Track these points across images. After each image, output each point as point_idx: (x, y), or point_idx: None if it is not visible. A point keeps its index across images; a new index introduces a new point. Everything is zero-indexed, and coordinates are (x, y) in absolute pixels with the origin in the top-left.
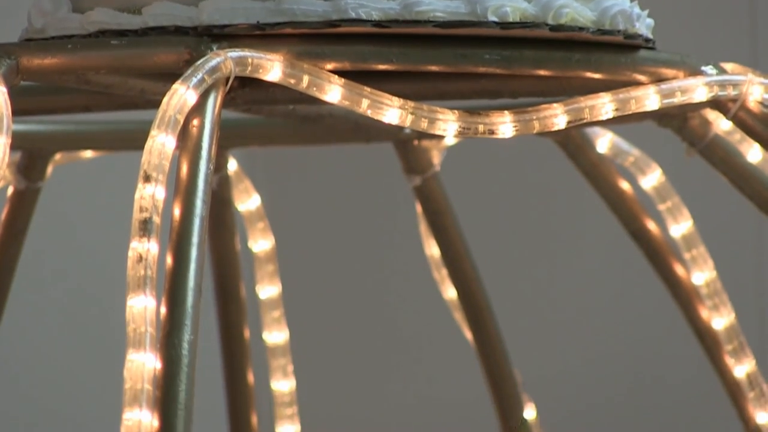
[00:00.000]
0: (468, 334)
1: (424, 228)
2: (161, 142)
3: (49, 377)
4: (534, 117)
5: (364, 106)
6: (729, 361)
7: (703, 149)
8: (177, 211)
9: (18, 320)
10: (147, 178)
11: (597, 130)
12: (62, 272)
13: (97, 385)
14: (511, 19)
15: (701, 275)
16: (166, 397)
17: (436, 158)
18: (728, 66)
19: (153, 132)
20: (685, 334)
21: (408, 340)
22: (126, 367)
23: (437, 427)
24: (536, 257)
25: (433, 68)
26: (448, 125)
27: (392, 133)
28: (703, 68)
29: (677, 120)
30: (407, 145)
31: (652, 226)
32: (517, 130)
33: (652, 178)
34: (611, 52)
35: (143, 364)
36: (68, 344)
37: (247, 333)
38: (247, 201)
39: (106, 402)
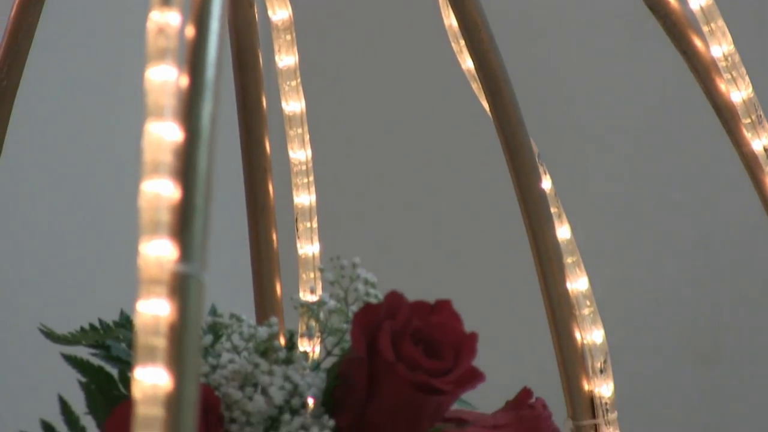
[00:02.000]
0: (485, 104)
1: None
2: None
3: None
4: None
5: None
6: (746, 134)
7: None
8: None
9: None
10: None
11: None
12: None
13: None
14: None
15: (719, 48)
16: (187, 167)
17: None
18: None
19: None
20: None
21: (424, 103)
22: (145, 139)
23: (447, 174)
24: None
25: None
26: None
27: None
28: None
29: None
30: None
31: None
32: None
33: None
34: None
35: (162, 135)
36: None
37: (264, 102)
38: None
39: None
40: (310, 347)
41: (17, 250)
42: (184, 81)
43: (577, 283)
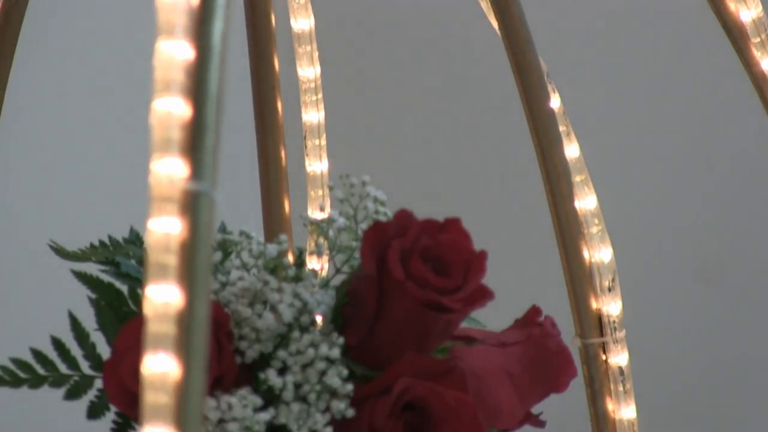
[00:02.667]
0: (494, 22)
1: None
2: None
3: None
4: None
5: None
6: (756, 54)
7: None
8: None
9: None
10: None
11: None
12: None
13: None
14: None
15: None
16: (198, 85)
17: None
18: None
19: None
20: None
21: (435, 23)
22: (156, 57)
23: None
24: None
25: None
26: None
27: None
28: None
29: None
30: None
31: None
32: None
33: None
34: None
35: (173, 53)
36: None
37: (273, 19)
38: None
39: None
40: (319, 265)
41: (27, 166)
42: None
43: (586, 202)
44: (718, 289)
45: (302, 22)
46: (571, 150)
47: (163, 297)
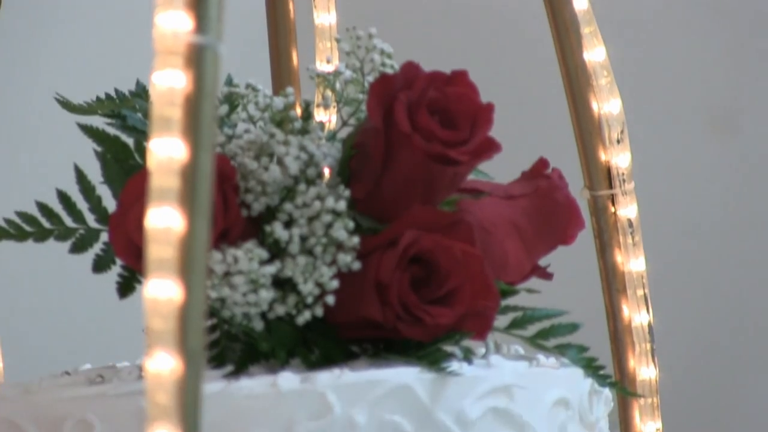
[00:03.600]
0: None
1: None
2: None
3: None
4: None
5: None
6: None
7: None
8: None
9: None
10: None
11: None
12: None
13: None
14: None
15: None
16: None
17: None
18: None
19: None
20: None
21: None
22: None
23: None
24: None
25: None
26: None
27: None
28: None
29: None
30: None
31: None
32: None
33: None
34: None
35: None
36: None
37: None
38: None
39: None
40: (326, 117)
41: (34, 16)
42: None
43: (594, 54)
44: (731, 139)
45: None
46: (579, 1)
47: (166, 150)
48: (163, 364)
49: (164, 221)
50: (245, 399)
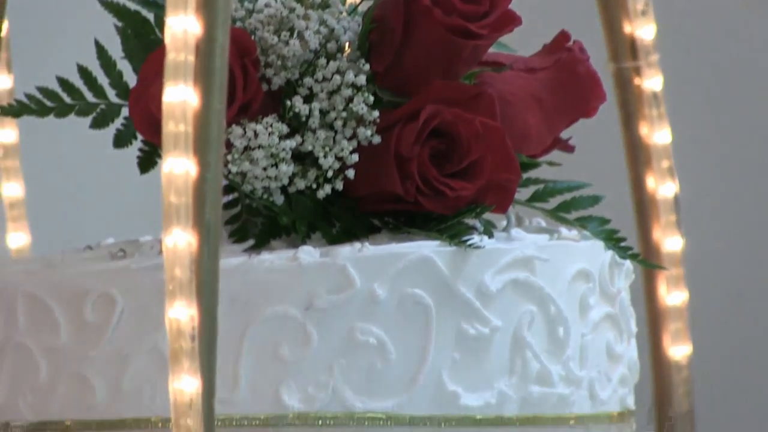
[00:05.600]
0: None
1: None
2: None
3: None
4: None
5: None
6: None
7: None
8: None
9: None
10: None
11: None
12: None
13: None
14: None
15: None
16: None
17: None
18: None
19: None
20: None
21: None
22: None
23: None
24: None
25: None
26: None
27: None
28: None
29: None
30: None
31: None
32: None
33: None
34: None
35: None
36: None
37: None
38: None
39: None
40: None
41: None
42: None
43: None
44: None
45: None
46: None
47: (182, 26)
48: (180, 239)
49: (180, 97)
50: (266, 273)
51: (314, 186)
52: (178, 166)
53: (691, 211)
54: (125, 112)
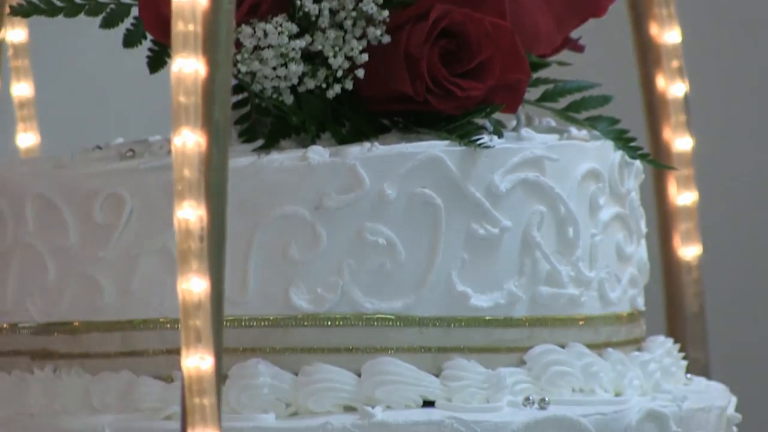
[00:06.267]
0: None
1: None
2: None
3: None
4: None
5: None
6: None
7: None
8: None
9: None
10: None
11: None
12: None
13: None
14: None
15: None
16: None
17: None
18: None
19: None
20: None
21: None
22: None
23: None
24: None
25: None
26: None
27: None
28: None
29: None
30: None
31: None
32: None
33: None
34: None
35: None
36: None
37: None
38: None
39: None
40: None
41: None
42: None
43: None
44: None
45: None
46: None
47: None
48: (189, 139)
49: None
50: (275, 172)
51: (324, 86)
52: (188, 66)
53: (700, 109)
54: (135, 11)
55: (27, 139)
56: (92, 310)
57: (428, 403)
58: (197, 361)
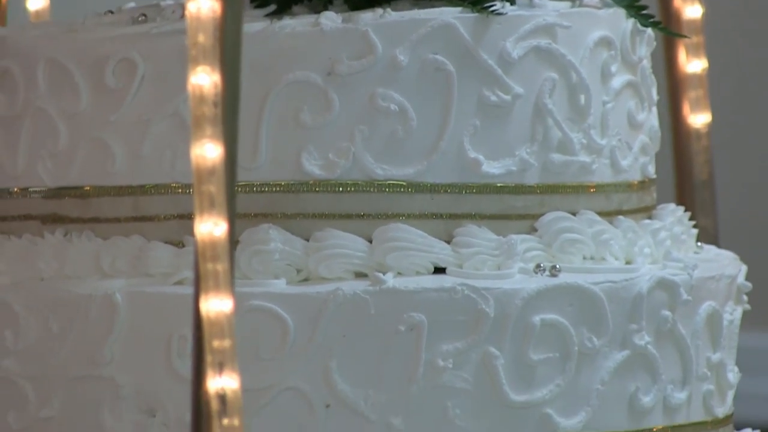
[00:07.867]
0: None
1: None
2: None
3: None
4: None
5: None
6: None
7: None
8: None
9: None
10: None
11: None
12: None
13: None
14: None
15: None
16: None
17: None
18: None
19: None
20: None
21: None
22: None
23: None
24: None
25: None
26: None
27: None
28: None
29: None
30: None
31: None
32: None
33: None
34: None
35: None
36: None
37: None
38: None
39: None
40: None
41: None
42: None
43: None
44: None
45: None
46: None
47: None
48: (203, 5)
49: None
50: (287, 38)
51: None
52: None
53: None
54: None
55: (37, 2)
56: (103, 175)
57: (439, 270)
58: (210, 227)
